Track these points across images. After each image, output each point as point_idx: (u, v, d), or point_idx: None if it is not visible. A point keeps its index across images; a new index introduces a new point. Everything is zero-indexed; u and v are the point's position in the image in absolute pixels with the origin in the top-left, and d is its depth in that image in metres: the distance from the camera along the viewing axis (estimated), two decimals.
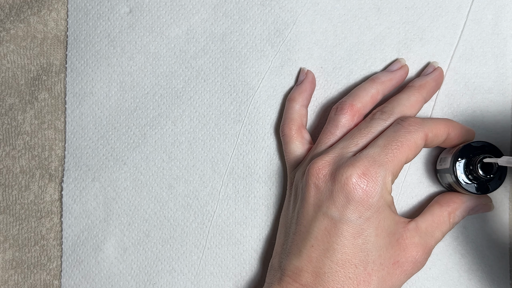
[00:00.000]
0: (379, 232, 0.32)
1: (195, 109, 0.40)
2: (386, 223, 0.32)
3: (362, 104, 0.36)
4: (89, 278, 0.40)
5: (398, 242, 0.32)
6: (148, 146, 0.40)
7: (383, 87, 0.36)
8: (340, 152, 0.33)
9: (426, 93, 0.36)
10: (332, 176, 0.32)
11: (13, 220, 0.41)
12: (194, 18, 0.41)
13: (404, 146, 0.32)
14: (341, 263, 0.31)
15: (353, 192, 0.31)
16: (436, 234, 0.34)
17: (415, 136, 0.32)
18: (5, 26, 0.41)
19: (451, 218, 0.34)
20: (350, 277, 0.31)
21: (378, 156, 0.31)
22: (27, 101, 0.41)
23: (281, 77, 0.39)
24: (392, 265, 0.32)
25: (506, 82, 0.38)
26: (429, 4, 0.38)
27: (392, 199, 0.33)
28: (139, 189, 0.40)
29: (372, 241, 0.31)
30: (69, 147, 0.41)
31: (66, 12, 0.42)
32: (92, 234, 0.40)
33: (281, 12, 0.40)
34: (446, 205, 0.35)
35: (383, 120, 0.34)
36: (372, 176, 0.31)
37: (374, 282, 0.31)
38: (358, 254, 0.31)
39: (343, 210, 0.31)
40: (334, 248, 0.31)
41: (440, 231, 0.34)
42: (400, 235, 0.32)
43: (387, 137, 0.32)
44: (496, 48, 0.38)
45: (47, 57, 0.42)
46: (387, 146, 0.32)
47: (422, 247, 0.33)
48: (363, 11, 0.39)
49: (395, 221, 0.33)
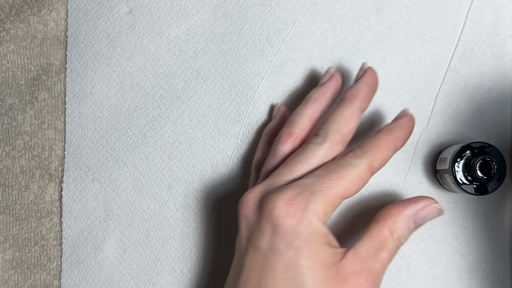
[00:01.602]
0: (312, 264, 0.29)
1: (195, 109, 0.40)
2: (320, 254, 0.29)
3: (300, 129, 0.34)
4: (89, 278, 0.40)
5: (338, 273, 0.29)
6: (148, 146, 0.40)
7: (318, 105, 0.35)
8: (273, 180, 0.31)
9: (361, 101, 0.33)
10: (259, 205, 0.30)
11: (13, 220, 0.41)
12: (194, 18, 0.41)
13: (344, 179, 0.30)
14: None
15: (279, 219, 0.29)
16: (380, 255, 0.30)
17: (358, 169, 0.30)
18: (5, 26, 0.41)
19: (393, 233, 0.30)
20: None
21: (312, 185, 0.29)
22: (27, 101, 0.41)
23: (281, 77, 0.39)
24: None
25: (506, 82, 0.38)
26: (429, 4, 0.39)
27: (328, 231, 0.30)
28: (139, 189, 0.40)
29: (306, 273, 0.28)
30: (69, 147, 0.41)
31: (66, 12, 0.42)
32: (92, 234, 0.40)
33: (281, 12, 0.40)
34: (383, 221, 0.31)
35: (318, 144, 0.32)
36: (300, 202, 0.29)
37: None
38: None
39: (270, 239, 0.29)
40: (265, 283, 0.29)
41: (385, 250, 0.30)
42: (339, 266, 0.29)
43: (326, 168, 0.30)
44: (496, 48, 0.38)
45: (47, 57, 0.42)
46: (324, 176, 0.30)
47: (365, 274, 0.29)
48: (363, 11, 0.39)
49: (332, 252, 0.29)
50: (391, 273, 0.38)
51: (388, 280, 0.38)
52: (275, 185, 0.31)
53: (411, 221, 0.31)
